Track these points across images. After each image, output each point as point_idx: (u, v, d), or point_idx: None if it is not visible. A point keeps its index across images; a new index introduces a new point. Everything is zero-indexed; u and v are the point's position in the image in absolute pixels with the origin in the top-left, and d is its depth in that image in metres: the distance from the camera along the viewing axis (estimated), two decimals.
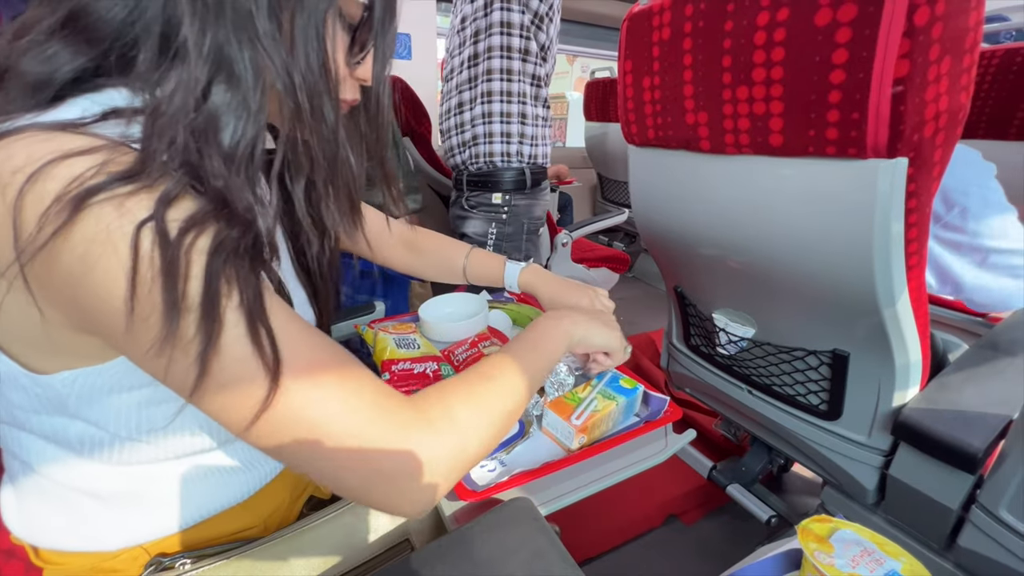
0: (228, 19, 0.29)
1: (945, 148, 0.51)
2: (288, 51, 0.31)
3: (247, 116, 0.30)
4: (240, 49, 0.29)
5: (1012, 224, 0.72)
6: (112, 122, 0.29)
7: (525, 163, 1.11)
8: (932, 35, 0.44)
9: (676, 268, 0.90)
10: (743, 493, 1.00)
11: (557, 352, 0.47)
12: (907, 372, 0.65)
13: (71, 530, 0.39)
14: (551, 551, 0.36)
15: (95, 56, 0.30)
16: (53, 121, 0.28)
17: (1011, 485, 0.56)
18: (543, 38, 1.07)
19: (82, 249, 0.25)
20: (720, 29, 0.58)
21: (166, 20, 0.29)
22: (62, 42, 0.30)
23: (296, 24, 0.31)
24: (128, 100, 0.30)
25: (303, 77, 0.32)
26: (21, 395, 0.33)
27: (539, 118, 1.12)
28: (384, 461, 0.30)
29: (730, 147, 0.63)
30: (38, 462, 0.37)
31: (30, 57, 0.29)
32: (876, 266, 0.55)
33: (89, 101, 0.30)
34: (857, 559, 0.32)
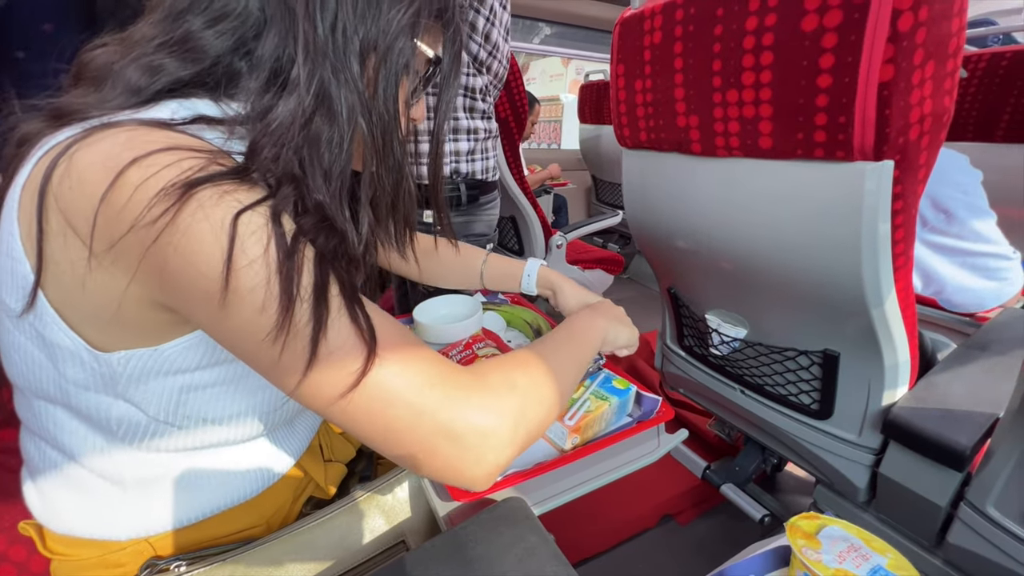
0: (331, 63, 0.34)
1: (930, 151, 0.52)
2: (371, 94, 0.36)
3: (340, 143, 0.35)
4: (338, 88, 0.34)
5: (991, 228, 0.74)
6: (199, 126, 0.33)
7: (460, 180, 1.04)
8: (916, 40, 0.45)
9: (669, 269, 0.91)
10: (737, 493, 1.01)
11: (594, 346, 0.52)
12: (896, 371, 0.65)
13: (86, 515, 0.41)
14: (543, 549, 0.36)
15: (196, 72, 0.35)
16: (149, 118, 0.32)
17: (998, 482, 0.57)
18: (473, 48, 0.99)
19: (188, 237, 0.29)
20: (710, 33, 0.59)
21: (277, 58, 0.35)
22: (169, 57, 0.35)
23: (380, 73, 0.36)
24: (212, 110, 0.36)
25: (380, 116, 0.37)
26: (78, 370, 0.35)
27: (474, 132, 1.04)
28: (451, 423, 0.32)
29: (721, 149, 0.64)
30: (69, 442, 0.39)
31: (136, 65, 0.34)
32: (864, 266, 0.56)
33: (177, 104, 0.35)
34: (844, 555, 0.33)
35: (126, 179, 0.28)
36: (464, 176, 1.04)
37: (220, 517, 0.45)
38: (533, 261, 0.73)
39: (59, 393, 0.36)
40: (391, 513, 0.51)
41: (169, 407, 0.38)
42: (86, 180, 0.29)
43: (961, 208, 0.70)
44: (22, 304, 0.32)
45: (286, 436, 0.50)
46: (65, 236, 0.31)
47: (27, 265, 0.32)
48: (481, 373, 0.36)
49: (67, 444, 0.39)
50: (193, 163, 0.30)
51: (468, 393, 0.34)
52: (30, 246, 0.31)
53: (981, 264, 0.75)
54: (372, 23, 0.35)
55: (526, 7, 2.35)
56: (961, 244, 0.74)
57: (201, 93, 0.36)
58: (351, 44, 0.34)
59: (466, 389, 0.34)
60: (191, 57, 0.35)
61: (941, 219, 0.69)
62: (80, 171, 0.29)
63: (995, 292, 0.77)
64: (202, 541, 0.44)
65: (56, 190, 0.30)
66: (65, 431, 0.38)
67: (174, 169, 0.29)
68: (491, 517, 0.40)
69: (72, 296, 0.32)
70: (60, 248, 0.31)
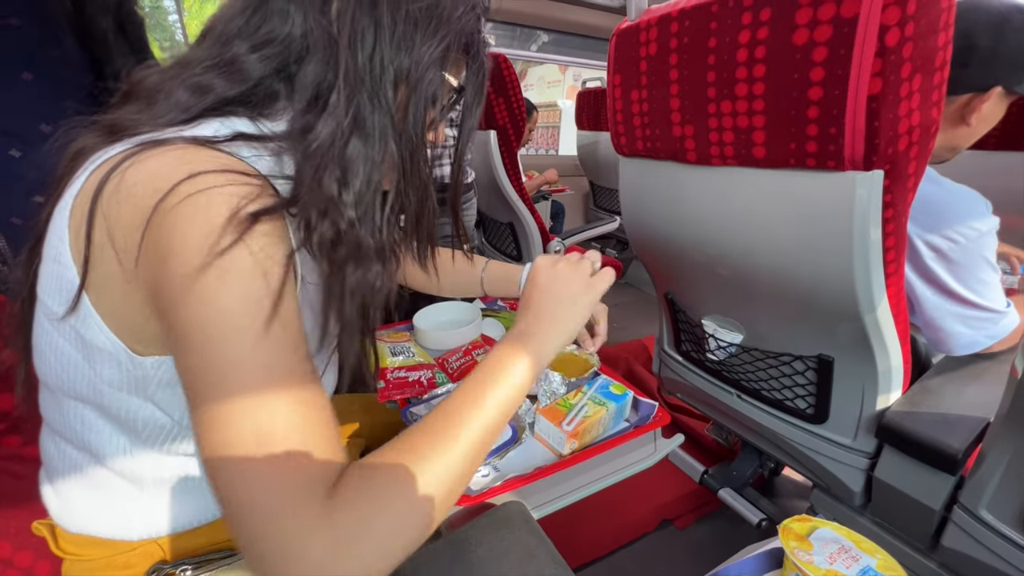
0: (367, 90, 0.36)
1: (919, 161, 0.54)
2: (401, 119, 0.39)
3: (373, 162, 0.38)
4: (373, 112, 0.37)
5: (993, 284, 0.69)
6: (238, 143, 0.36)
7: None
8: (903, 54, 0.47)
9: (666, 275, 0.92)
10: (734, 497, 1.02)
11: (523, 392, 0.42)
12: (889, 376, 0.66)
13: (102, 513, 0.42)
14: (542, 552, 0.37)
15: (240, 92, 0.38)
16: (194, 136, 0.35)
17: (990, 485, 0.58)
18: None
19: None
20: (704, 46, 0.60)
21: (318, 84, 0.37)
22: (218, 78, 0.37)
23: (411, 99, 0.39)
24: (249, 127, 0.38)
25: (408, 139, 0.40)
26: (115, 371, 0.36)
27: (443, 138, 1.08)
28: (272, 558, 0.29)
29: (715, 159, 0.65)
30: (94, 441, 0.40)
31: (187, 85, 0.37)
32: (856, 273, 0.57)
33: (219, 123, 0.37)
34: (834, 556, 0.34)
35: (169, 197, 0.30)
36: (435, 180, 1.07)
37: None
38: (531, 265, 0.74)
39: (92, 393, 0.38)
40: None
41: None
42: (135, 195, 0.31)
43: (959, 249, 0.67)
44: (65, 307, 0.34)
45: None
46: (103, 248, 0.33)
47: (73, 270, 0.34)
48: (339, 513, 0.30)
49: (92, 442, 0.40)
50: (237, 189, 0.32)
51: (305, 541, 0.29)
52: (77, 253, 0.33)
53: (966, 312, 0.69)
54: (406, 55, 0.37)
55: (525, 15, 2.37)
56: (950, 282, 0.68)
57: (240, 112, 0.38)
58: (387, 73, 0.37)
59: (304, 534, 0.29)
60: (237, 78, 0.37)
61: (938, 242, 0.67)
62: (129, 187, 0.31)
63: (968, 340, 0.71)
64: (210, 545, 0.45)
65: (106, 203, 0.32)
66: (92, 430, 0.40)
67: (221, 196, 0.31)
68: (491, 521, 0.40)
69: (111, 303, 0.34)
70: (101, 258, 0.33)
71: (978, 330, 0.70)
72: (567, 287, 0.48)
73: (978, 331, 0.70)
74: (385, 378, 0.65)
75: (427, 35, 0.38)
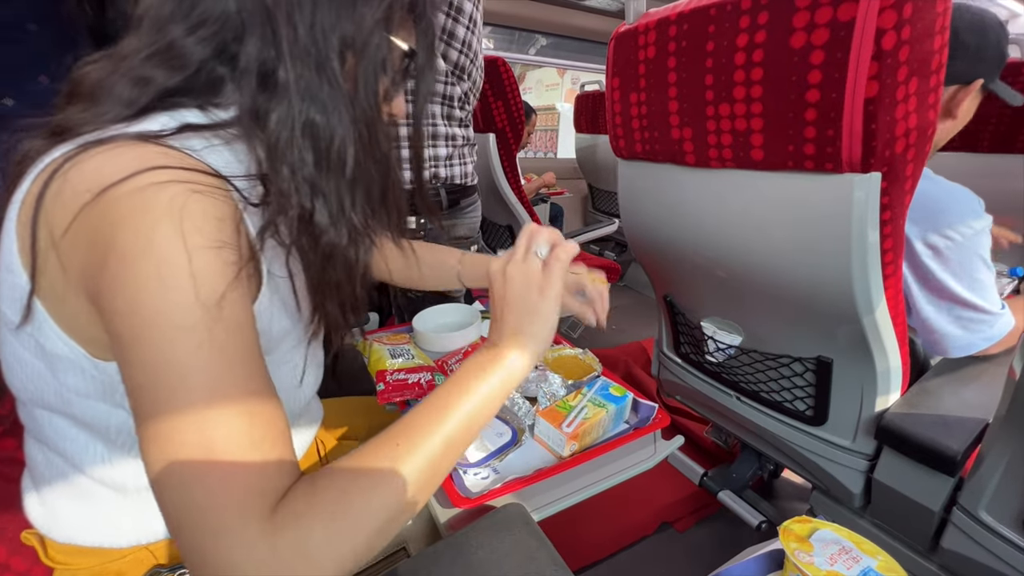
0: (313, 62, 0.35)
1: (916, 163, 0.54)
2: (352, 89, 0.37)
3: (329, 142, 0.36)
4: (322, 86, 0.35)
5: (988, 284, 0.69)
6: (185, 134, 0.34)
7: (439, 184, 1.07)
8: (899, 58, 0.47)
9: (665, 277, 0.92)
10: (734, 499, 1.02)
11: (504, 397, 0.41)
12: (888, 377, 0.67)
13: (88, 522, 0.41)
14: (543, 554, 0.37)
15: (182, 80, 0.36)
16: (139, 131, 0.33)
17: (989, 487, 0.58)
18: (454, 55, 1.02)
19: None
20: (702, 49, 0.61)
21: (262, 62, 0.35)
22: (157, 68, 0.36)
23: (359, 68, 0.37)
24: (199, 117, 0.36)
25: (363, 111, 0.38)
26: (78, 378, 0.35)
27: (452, 138, 1.06)
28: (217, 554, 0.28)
29: (714, 161, 0.65)
30: (71, 449, 0.39)
31: (127, 79, 0.35)
32: (854, 275, 0.57)
33: (167, 117, 0.35)
34: (835, 557, 0.34)
35: (107, 196, 0.29)
36: (443, 180, 1.07)
37: None
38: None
39: (60, 402, 0.37)
40: None
41: None
42: (75, 195, 0.30)
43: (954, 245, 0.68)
44: (19, 315, 0.33)
45: None
46: (49, 253, 0.31)
47: (24, 278, 0.32)
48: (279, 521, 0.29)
49: (69, 452, 0.39)
50: (180, 187, 0.30)
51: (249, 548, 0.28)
52: (25, 259, 0.32)
53: (964, 314, 0.69)
54: (347, 20, 0.35)
55: (523, 19, 2.38)
56: (947, 280, 0.68)
57: (188, 102, 0.37)
58: (330, 42, 0.35)
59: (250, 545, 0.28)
60: (176, 66, 0.36)
61: (934, 241, 0.67)
62: (72, 187, 0.30)
63: (964, 342, 0.71)
64: None
65: (48, 207, 0.31)
66: (67, 439, 0.39)
67: (161, 195, 0.29)
68: (491, 523, 0.40)
69: (64, 308, 0.33)
70: (48, 262, 0.32)
71: (975, 333, 0.70)
72: (523, 292, 0.43)
73: (975, 334, 0.70)
74: (385, 380, 0.65)
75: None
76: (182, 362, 0.29)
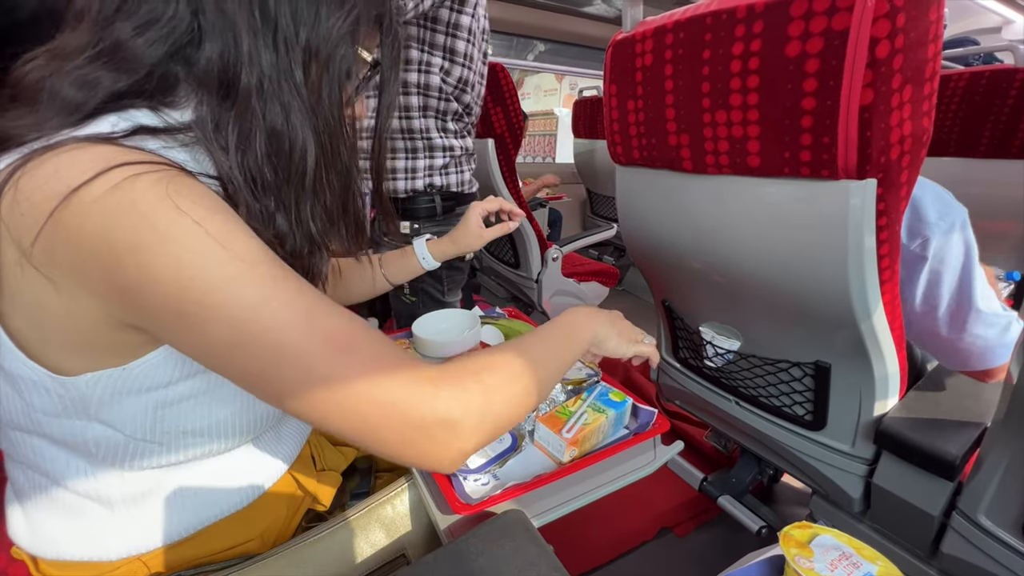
0: (275, 72, 0.34)
1: (911, 169, 0.54)
2: (316, 100, 0.37)
3: (291, 150, 0.36)
4: (284, 96, 0.35)
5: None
6: (140, 137, 0.33)
7: (434, 192, 1.09)
8: (893, 66, 0.47)
9: (663, 282, 0.93)
10: (734, 504, 1.02)
11: (580, 346, 0.50)
12: (886, 382, 0.67)
13: (76, 538, 0.41)
14: (544, 561, 0.37)
15: (132, 83, 0.34)
16: (89, 134, 0.31)
17: (988, 491, 0.58)
18: (459, 71, 1.03)
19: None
20: (699, 57, 0.61)
21: (222, 69, 0.34)
22: (103, 69, 0.33)
23: (323, 79, 0.37)
24: (152, 119, 0.34)
25: (326, 122, 0.38)
26: (45, 398, 0.34)
27: (450, 149, 1.07)
28: (420, 419, 0.33)
29: (711, 167, 0.66)
30: (51, 468, 0.38)
31: (70, 81, 0.33)
32: (851, 279, 0.58)
33: (116, 117, 0.33)
34: (835, 563, 0.34)
35: (79, 198, 0.28)
36: (438, 188, 1.08)
37: (212, 531, 0.44)
38: (418, 241, 0.76)
39: (30, 423, 0.36)
40: (391, 526, 0.51)
41: (146, 424, 0.37)
42: (35, 205, 0.28)
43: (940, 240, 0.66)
44: None
45: (273, 443, 0.50)
46: (20, 268, 0.30)
47: None
48: (449, 370, 0.37)
49: (50, 471, 0.38)
50: (155, 168, 0.30)
51: (436, 388, 0.35)
52: None
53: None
54: (312, 31, 0.35)
55: (522, 25, 2.40)
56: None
57: (139, 103, 0.35)
58: (293, 52, 0.35)
59: (433, 384, 0.35)
60: (125, 68, 0.34)
61: (918, 245, 0.67)
62: (27, 196, 0.28)
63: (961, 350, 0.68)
64: (196, 558, 0.44)
65: (7, 220, 0.29)
66: (46, 459, 0.38)
67: (131, 185, 0.29)
68: (491, 529, 0.40)
69: (34, 324, 0.32)
70: (17, 277, 0.30)
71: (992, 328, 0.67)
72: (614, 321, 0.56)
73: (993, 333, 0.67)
74: None
75: (332, 7, 0.35)
76: (266, 304, 0.31)
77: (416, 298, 1.15)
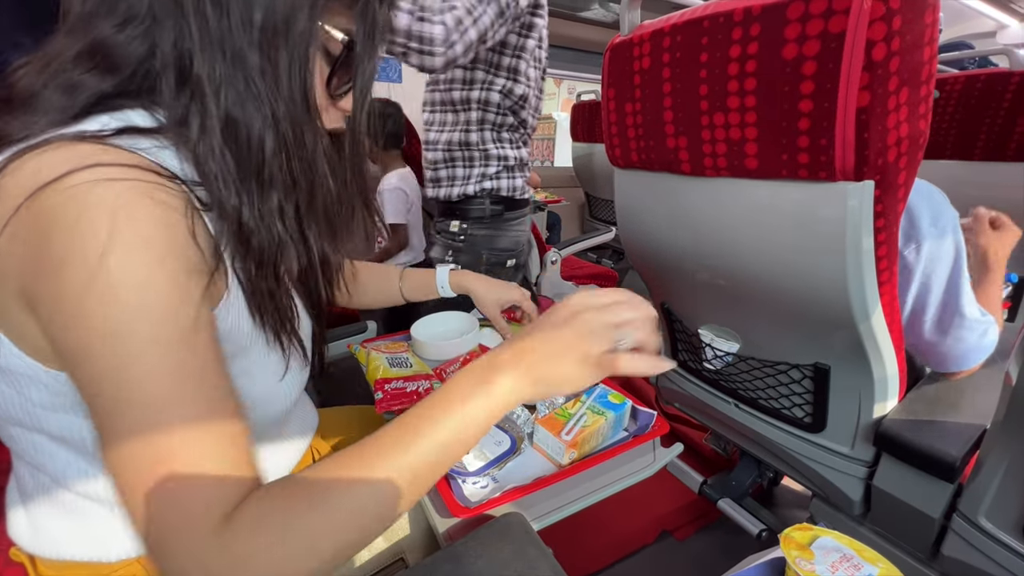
0: (229, 55, 0.32)
1: (908, 171, 0.55)
2: (274, 85, 0.34)
3: (251, 146, 0.34)
4: (239, 81, 0.33)
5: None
6: (132, 136, 0.32)
7: (485, 195, 1.13)
8: (889, 69, 0.48)
9: (662, 285, 0.93)
10: (734, 507, 1.01)
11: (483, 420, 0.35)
12: (885, 384, 0.67)
13: (75, 537, 0.41)
14: (543, 564, 0.37)
15: (117, 83, 0.33)
16: (75, 132, 0.31)
17: (988, 493, 0.58)
18: (521, 89, 1.08)
19: None
20: (696, 60, 0.62)
21: (178, 57, 0.32)
22: (87, 72, 0.33)
23: (281, 61, 0.34)
24: (144, 119, 0.34)
25: (287, 107, 0.35)
26: (42, 392, 0.34)
27: (503, 159, 1.12)
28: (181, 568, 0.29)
29: (709, 170, 0.66)
30: (50, 465, 0.38)
31: (55, 85, 0.33)
32: (850, 281, 0.58)
33: (108, 117, 0.33)
34: (836, 565, 0.33)
35: (44, 194, 0.27)
36: (489, 193, 1.12)
37: None
38: (441, 268, 0.76)
39: (29, 418, 0.36)
40: (389, 530, 0.51)
41: None
42: (14, 200, 0.28)
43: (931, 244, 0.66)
44: None
45: (274, 446, 0.49)
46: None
47: None
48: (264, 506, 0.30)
49: (51, 469, 0.38)
50: (131, 185, 0.29)
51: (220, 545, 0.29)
52: None
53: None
54: (267, 9, 0.33)
55: None
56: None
57: (132, 103, 0.34)
58: (247, 32, 0.32)
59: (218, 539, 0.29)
60: (107, 67, 0.33)
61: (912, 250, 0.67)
62: (9, 194, 0.28)
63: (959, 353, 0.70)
64: None
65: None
66: (46, 455, 0.38)
67: (87, 192, 0.28)
68: (490, 532, 0.40)
69: (10, 320, 0.32)
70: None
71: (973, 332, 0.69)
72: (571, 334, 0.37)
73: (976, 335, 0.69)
74: (383, 389, 0.65)
75: None
76: (134, 377, 0.29)
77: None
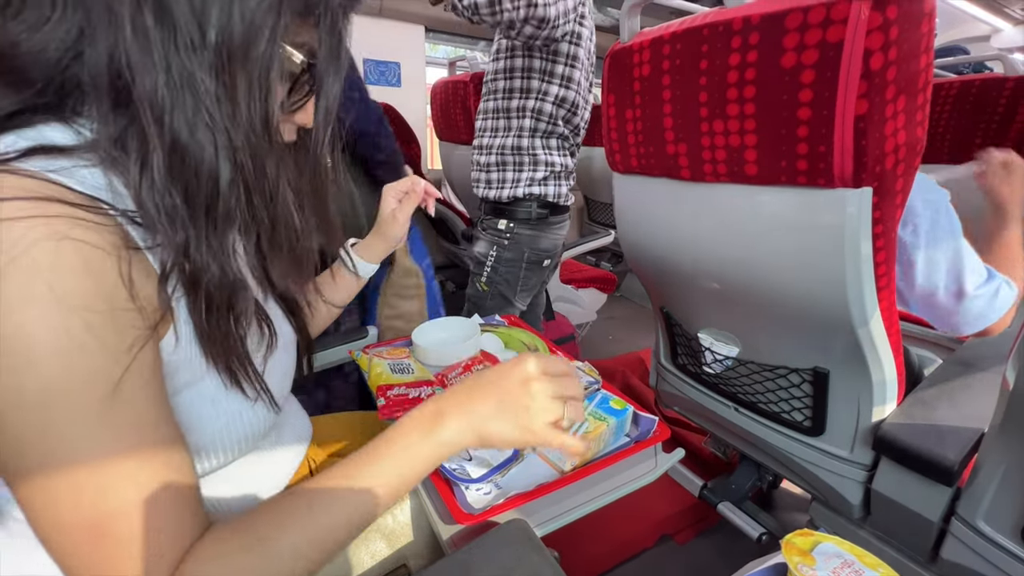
0: (176, 75, 0.28)
1: (906, 178, 0.55)
2: (231, 111, 0.30)
3: (201, 175, 0.31)
4: (186, 105, 0.29)
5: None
6: (37, 158, 0.28)
7: (533, 200, 1.19)
8: (887, 77, 0.48)
9: (661, 289, 0.93)
10: (734, 511, 1.01)
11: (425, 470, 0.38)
12: (884, 388, 0.67)
13: None
14: (547, 570, 0.37)
15: (25, 98, 0.29)
16: None
17: (987, 497, 0.58)
18: (572, 96, 1.14)
19: None
20: (696, 67, 0.62)
21: (115, 72, 0.28)
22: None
23: (239, 85, 0.30)
24: (61, 134, 0.30)
25: (245, 136, 0.31)
26: None
27: (551, 165, 1.18)
28: None
29: (709, 175, 0.66)
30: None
31: None
32: (849, 286, 0.58)
33: (15, 136, 0.29)
34: (838, 571, 0.34)
35: None
36: (536, 197, 1.19)
37: None
38: (340, 253, 0.70)
39: None
40: (392, 537, 0.51)
41: None
42: None
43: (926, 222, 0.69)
44: None
45: (269, 460, 0.49)
46: None
47: None
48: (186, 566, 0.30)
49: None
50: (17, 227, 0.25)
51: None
52: None
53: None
54: (222, 26, 0.28)
55: None
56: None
57: (47, 117, 0.30)
58: (198, 53, 0.28)
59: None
60: (11, 80, 0.29)
61: (909, 232, 0.69)
62: None
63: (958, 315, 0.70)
64: None
65: None
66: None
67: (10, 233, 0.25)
68: (494, 539, 0.40)
69: None
70: None
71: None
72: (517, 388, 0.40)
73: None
74: (385, 396, 0.65)
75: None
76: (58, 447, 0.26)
77: (489, 288, 1.24)
